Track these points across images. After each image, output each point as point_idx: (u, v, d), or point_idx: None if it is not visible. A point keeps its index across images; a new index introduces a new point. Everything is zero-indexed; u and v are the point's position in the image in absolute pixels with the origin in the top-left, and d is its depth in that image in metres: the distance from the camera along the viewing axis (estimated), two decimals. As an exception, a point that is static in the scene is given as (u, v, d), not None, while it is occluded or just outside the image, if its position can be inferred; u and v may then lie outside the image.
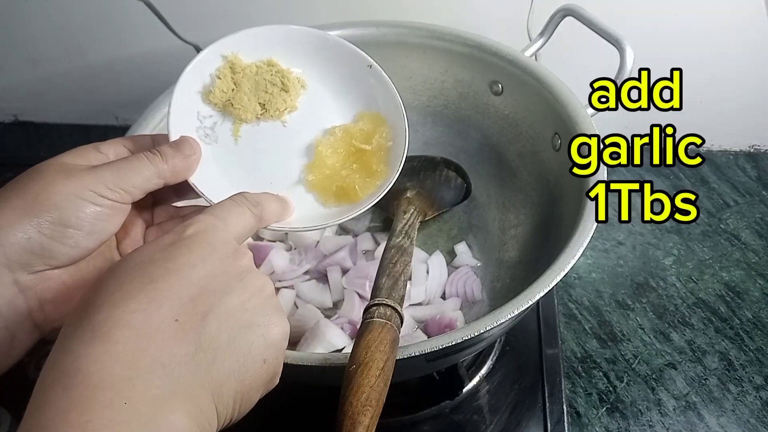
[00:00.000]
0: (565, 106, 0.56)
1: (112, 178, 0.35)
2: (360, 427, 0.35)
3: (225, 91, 0.44)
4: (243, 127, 0.44)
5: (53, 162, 0.35)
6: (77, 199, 0.34)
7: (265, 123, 0.45)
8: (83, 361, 0.24)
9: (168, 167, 0.38)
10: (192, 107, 0.43)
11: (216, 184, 0.41)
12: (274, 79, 0.45)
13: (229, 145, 0.44)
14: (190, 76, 0.43)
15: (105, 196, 0.35)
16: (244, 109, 0.44)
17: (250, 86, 0.44)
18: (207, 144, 0.43)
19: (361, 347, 0.39)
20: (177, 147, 0.39)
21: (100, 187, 0.34)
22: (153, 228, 0.41)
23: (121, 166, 0.36)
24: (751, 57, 0.76)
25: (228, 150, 0.44)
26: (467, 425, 0.58)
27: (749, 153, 0.84)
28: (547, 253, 0.53)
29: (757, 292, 0.69)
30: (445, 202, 0.68)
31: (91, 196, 0.34)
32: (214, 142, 0.44)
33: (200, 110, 0.44)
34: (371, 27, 0.66)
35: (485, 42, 0.64)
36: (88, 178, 0.34)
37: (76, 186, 0.34)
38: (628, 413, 0.60)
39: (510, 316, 0.42)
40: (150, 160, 0.37)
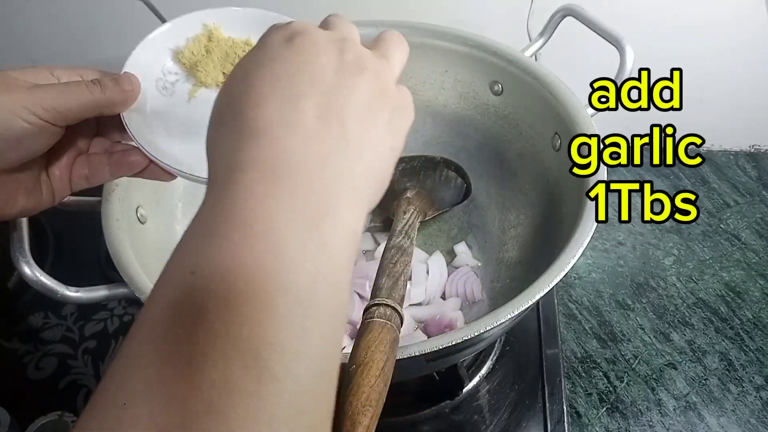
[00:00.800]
0: (565, 106, 0.56)
1: (49, 99, 0.36)
2: (360, 427, 0.35)
3: (195, 54, 0.45)
4: (201, 91, 0.45)
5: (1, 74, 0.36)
6: (10, 113, 0.35)
7: None
8: (254, 152, 0.25)
9: (105, 97, 0.38)
10: (160, 60, 0.45)
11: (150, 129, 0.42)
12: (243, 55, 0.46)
13: (182, 102, 0.45)
14: (167, 32, 0.45)
15: (38, 114, 0.35)
16: (206, 74, 0.45)
17: (220, 56, 0.45)
18: (162, 95, 0.44)
19: (361, 347, 0.39)
20: (117, 80, 0.40)
21: (36, 106, 0.35)
22: (83, 156, 0.42)
23: (60, 89, 0.37)
24: (752, 57, 0.76)
25: (178, 105, 0.45)
26: (467, 425, 0.58)
27: (749, 153, 0.84)
28: (547, 253, 0.52)
29: (757, 292, 0.69)
30: (445, 202, 0.68)
31: (24, 112, 0.35)
32: (168, 95, 0.45)
33: (166, 65, 0.45)
34: (371, 27, 0.65)
35: (485, 42, 0.64)
36: (26, 96, 0.35)
37: (12, 100, 0.35)
38: (628, 413, 0.60)
39: (510, 316, 0.42)
40: (89, 89, 0.38)
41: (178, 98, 0.45)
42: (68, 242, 0.75)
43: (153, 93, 0.44)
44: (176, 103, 0.45)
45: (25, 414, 0.55)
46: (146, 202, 0.57)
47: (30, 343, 0.66)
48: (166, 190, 0.61)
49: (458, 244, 0.67)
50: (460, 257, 0.66)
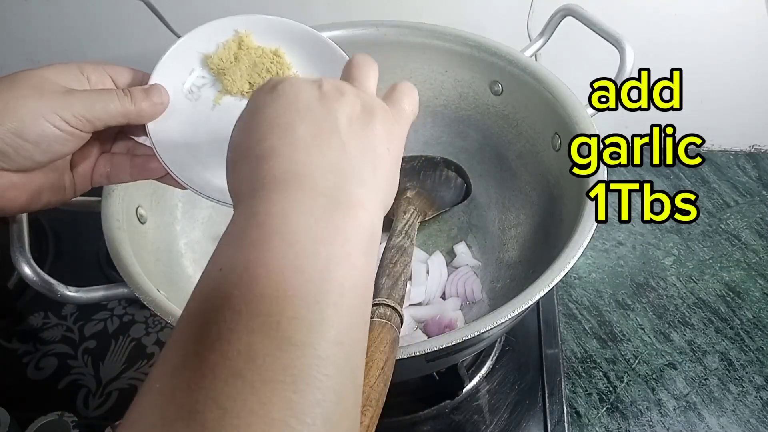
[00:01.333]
0: (565, 106, 0.56)
1: (79, 108, 0.37)
2: (360, 427, 0.35)
3: (224, 60, 0.45)
4: (226, 98, 0.46)
5: (33, 74, 0.37)
6: (42, 119, 0.36)
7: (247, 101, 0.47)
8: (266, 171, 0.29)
9: (134, 109, 0.40)
10: (189, 63, 0.45)
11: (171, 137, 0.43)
12: (272, 68, 0.46)
13: (206, 109, 0.45)
14: (197, 36, 0.45)
15: (68, 122, 0.37)
16: (233, 82, 0.45)
17: (248, 65, 0.45)
18: (186, 100, 0.45)
19: (361, 347, 0.39)
20: (147, 93, 0.41)
21: (66, 113, 0.37)
22: (106, 155, 0.44)
23: (91, 97, 0.38)
24: (752, 57, 0.76)
25: (202, 112, 0.45)
26: (467, 425, 0.58)
27: (749, 153, 0.84)
28: (547, 253, 0.53)
29: (757, 292, 0.69)
30: (445, 202, 0.68)
31: (55, 119, 0.36)
32: (194, 100, 0.45)
33: (195, 68, 0.45)
34: (371, 27, 0.65)
35: (485, 42, 0.64)
36: (58, 102, 0.37)
37: (44, 107, 0.36)
38: (628, 413, 0.60)
39: (510, 316, 0.42)
40: (119, 99, 0.39)
41: (203, 105, 0.45)
42: (68, 242, 0.75)
43: (179, 98, 0.44)
44: (200, 110, 0.45)
45: (25, 414, 0.55)
46: (146, 202, 0.57)
47: (30, 343, 0.66)
48: (167, 191, 0.61)
49: (458, 244, 0.67)
50: (460, 257, 0.66)
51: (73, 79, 0.39)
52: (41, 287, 0.45)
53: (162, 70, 0.43)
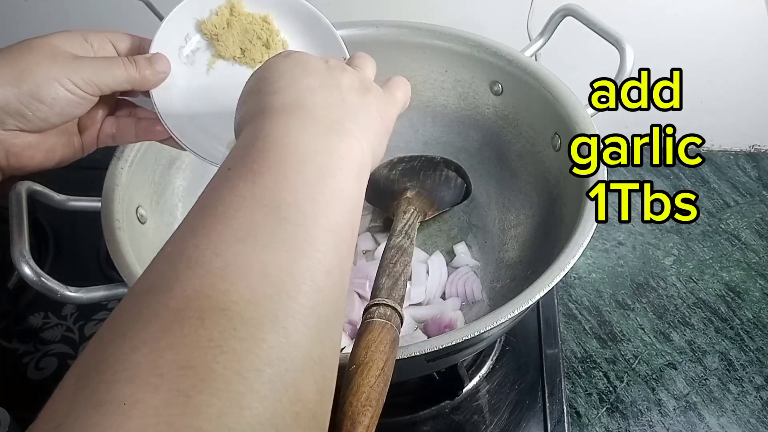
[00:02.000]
0: (565, 106, 0.56)
1: (89, 74, 0.41)
2: (360, 427, 0.35)
3: (216, 26, 0.48)
4: (219, 62, 0.49)
5: (44, 42, 0.41)
6: (55, 83, 0.40)
7: (239, 67, 0.49)
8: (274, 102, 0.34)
9: (138, 76, 0.43)
10: (184, 28, 0.48)
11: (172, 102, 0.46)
12: (261, 34, 0.49)
13: (201, 72, 0.48)
14: (193, 2, 0.48)
15: (79, 86, 0.40)
16: (225, 47, 0.48)
17: (239, 30, 0.48)
18: (182, 63, 0.48)
19: (361, 347, 0.39)
20: (151, 62, 0.44)
21: (77, 78, 0.40)
22: (111, 117, 0.47)
23: (100, 64, 0.42)
24: (752, 57, 0.76)
25: (198, 75, 0.48)
26: (467, 425, 0.58)
27: (749, 153, 0.84)
28: (547, 253, 0.53)
29: (757, 292, 0.69)
30: (445, 202, 0.68)
31: (67, 83, 0.40)
32: (189, 64, 0.48)
33: (189, 33, 0.48)
34: (371, 27, 0.66)
35: (485, 42, 0.64)
36: (69, 68, 0.40)
37: (57, 72, 0.40)
38: (628, 413, 0.60)
39: (510, 316, 0.42)
40: (125, 66, 0.43)
41: (198, 68, 0.48)
42: (68, 242, 0.75)
43: (176, 62, 0.47)
44: (197, 74, 0.48)
45: (25, 414, 0.55)
46: (146, 202, 0.57)
47: (30, 343, 0.66)
48: (166, 190, 0.61)
49: (458, 244, 0.67)
50: (460, 257, 0.66)
51: (79, 45, 0.42)
52: (41, 287, 0.46)
53: (161, 37, 0.46)
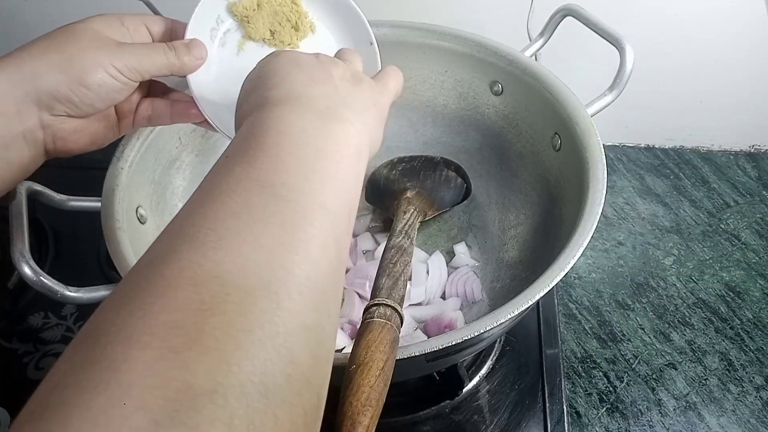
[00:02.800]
0: (565, 106, 0.56)
1: (132, 61, 0.42)
2: (360, 427, 0.35)
3: (247, 8, 0.49)
4: (248, 43, 0.49)
5: (87, 27, 0.42)
6: (101, 69, 0.41)
7: (268, 48, 0.50)
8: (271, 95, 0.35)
9: (178, 63, 0.45)
10: (216, 10, 0.49)
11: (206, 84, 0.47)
12: (291, 16, 0.50)
13: (232, 54, 0.49)
14: None
15: (123, 73, 0.42)
16: (255, 29, 0.49)
17: (269, 13, 0.49)
18: (215, 45, 0.49)
19: (361, 347, 0.39)
20: (190, 48, 0.46)
21: (121, 65, 0.42)
22: (147, 100, 0.48)
23: (142, 51, 0.43)
24: (752, 57, 0.76)
25: (229, 57, 0.49)
26: (467, 425, 0.58)
27: (749, 153, 0.84)
28: (547, 253, 0.53)
29: (757, 292, 0.69)
30: (445, 202, 0.68)
31: (112, 70, 0.41)
32: (221, 45, 0.49)
33: (221, 15, 0.49)
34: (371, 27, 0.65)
35: (485, 42, 0.64)
36: (114, 55, 0.42)
37: (103, 58, 0.41)
38: (628, 413, 0.60)
39: (510, 316, 0.42)
40: (165, 54, 0.44)
41: (229, 50, 0.49)
42: (68, 242, 0.75)
43: (208, 44, 0.48)
44: (228, 56, 0.49)
45: (25, 414, 0.55)
46: (146, 202, 0.57)
47: (30, 343, 0.66)
48: (167, 190, 0.61)
49: (458, 244, 0.67)
50: (459, 257, 0.66)
51: (117, 30, 0.44)
52: (41, 287, 0.45)
53: (196, 19, 0.47)
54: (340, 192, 0.31)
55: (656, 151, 0.84)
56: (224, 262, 0.25)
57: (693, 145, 0.85)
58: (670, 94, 0.80)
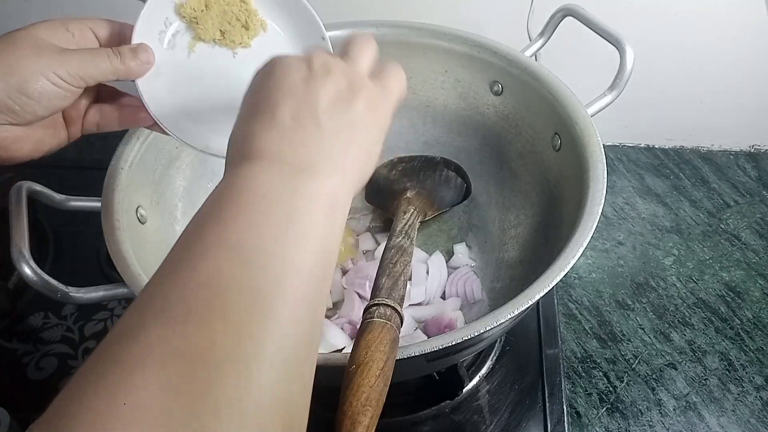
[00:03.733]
0: (565, 106, 0.56)
1: (74, 67, 0.41)
2: (360, 427, 0.35)
3: (195, 9, 0.48)
4: (199, 45, 0.49)
5: (28, 34, 0.41)
6: (41, 76, 0.40)
7: (219, 48, 0.49)
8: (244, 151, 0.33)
9: (124, 68, 0.43)
10: (163, 12, 0.48)
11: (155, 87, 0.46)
12: (240, 15, 0.49)
13: (182, 56, 0.48)
14: None
15: (64, 79, 0.41)
16: (205, 29, 0.48)
17: (218, 12, 0.48)
18: (164, 48, 0.48)
19: (361, 347, 0.39)
20: (136, 53, 0.44)
21: (63, 71, 0.40)
22: (95, 105, 0.47)
23: (84, 57, 0.42)
24: (752, 57, 0.76)
25: (180, 60, 0.48)
26: (467, 425, 0.58)
27: (749, 153, 0.84)
28: (547, 253, 0.53)
29: (757, 292, 0.69)
30: (445, 202, 0.68)
31: (53, 77, 0.40)
32: (170, 48, 0.48)
33: (168, 17, 0.48)
34: (371, 27, 0.65)
35: (485, 42, 0.64)
36: (55, 61, 0.40)
37: (43, 65, 0.40)
38: (628, 413, 0.60)
39: (510, 316, 0.42)
40: (110, 58, 0.43)
41: (180, 53, 0.48)
42: (68, 242, 0.75)
43: (157, 47, 0.46)
44: (178, 59, 0.48)
45: (25, 414, 0.55)
46: (146, 202, 0.57)
47: (30, 343, 0.66)
48: (167, 190, 0.61)
49: (458, 244, 0.67)
50: (457, 257, 0.66)
51: (61, 35, 0.42)
52: (41, 287, 0.46)
53: (143, 23, 0.46)
54: (314, 250, 0.30)
55: (656, 151, 0.84)
56: (192, 337, 0.24)
57: (693, 145, 0.85)
58: (670, 94, 0.80)
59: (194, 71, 0.49)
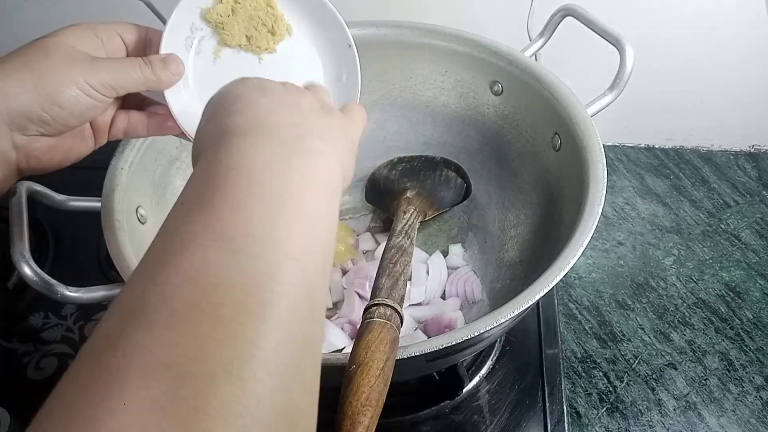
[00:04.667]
0: (565, 106, 0.56)
1: (106, 77, 0.41)
2: (360, 427, 0.35)
3: (222, 14, 0.48)
4: (224, 50, 0.49)
5: (59, 42, 0.41)
6: (74, 87, 0.40)
7: (245, 54, 0.49)
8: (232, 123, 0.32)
9: (155, 79, 0.44)
10: (190, 18, 0.48)
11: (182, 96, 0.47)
12: (266, 20, 0.49)
13: (208, 62, 0.48)
14: None
15: (97, 89, 0.41)
16: (231, 35, 0.48)
17: (244, 18, 0.48)
18: (190, 54, 0.48)
19: (361, 347, 0.39)
20: (166, 63, 0.44)
21: (95, 82, 0.40)
22: (122, 112, 0.47)
23: (116, 67, 0.42)
24: (752, 57, 0.76)
25: (206, 65, 0.48)
26: (467, 425, 0.58)
27: (749, 153, 0.84)
28: (547, 253, 0.53)
29: (757, 292, 0.69)
30: (445, 202, 0.68)
31: (86, 87, 0.40)
32: (196, 54, 0.48)
33: (195, 23, 0.48)
34: (371, 27, 0.65)
35: (485, 42, 0.64)
36: (87, 71, 0.40)
37: (76, 75, 0.40)
38: (628, 413, 0.60)
39: (510, 316, 0.42)
40: (141, 69, 0.43)
41: (206, 58, 0.48)
42: (68, 242, 0.75)
43: (183, 53, 0.47)
44: (204, 64, 0.48)
45: (25, 414, 0.55)
46: (146, 202, 0.57)
47: (30, 343, 0.66)
48: (167, 191, 0.61)
49: (454, 245, 0.67)
50: (452, 258, 0.66)
51: (90, 42, 0.42)
52: (41, 287, 0.45)
53: (171, 28, 0.46)
54: (310, 236, 0.28)
55: (656, 151, 0.84)
56: (178, 344, 0.21)
57: (693, 145, 0.85)
58: (670, 94, 0.80)
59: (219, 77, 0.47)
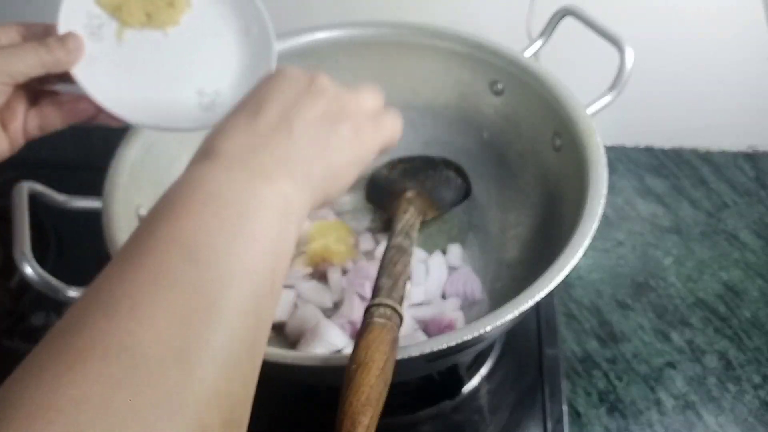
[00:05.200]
0: (565, 106, 0.57)
1: (1, 64, 0.40)
2: (360, 427, 0.35)
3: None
4: (127, 31, 0.48)
5: None
6: None
7: (149, 32, 0.48)
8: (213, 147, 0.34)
9: (51, 58, 0.42)
10: (83, 6, 0.46)
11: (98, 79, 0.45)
12: None
13: (113, 46, 0.47)
14: None
15: None
16: (130, 14, 0.47)
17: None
18: (93, 42, 0.46)
19: (361, 347, 0.40)
20: (62, 41, 0.43)
21: None
22: (34, 109, 0.46)
23: (9, 52, 0.41)
24: (751, 57, 0.76)
25: (112, 50, 0.47)
26: (467, 425, 0.58)
27: (748, 153, 0.84)
28: (547, 253, 0.53)
29: (755, 292, 0.69)
30: (445, 203, 0.68)
31: None
32: (99, 41, 0.47)
33: (90, 10, 0.47)
34: (371, 27, 0.66)
35: (485, 42, 0.64)
36: None
37: None
38: (627, 413, 0.60)
39: (510, 316, 0.42)
40: (35, 51, 0.42)
41: (109, 43, 0.47)
42: (70, 242, 0.75)
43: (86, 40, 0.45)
44: (111, 51, 0.47)
45: (27, 413, 0.55)
46: (147, 202, 0.57)
47: (31, 342, 0.65)
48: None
49: (452, 244, 0.67)
50: (452, 258, 0.66)
51: None
52: (43, 287, 0.46)
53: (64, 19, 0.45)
54: (264, 253, 0.30)
55: (656, 152, 0.84)
56: (137, 331, 0.25)
57: (692, 145, 0.85)
58: (670, 94, 0.80)
59: (128, 58, 0.47)
